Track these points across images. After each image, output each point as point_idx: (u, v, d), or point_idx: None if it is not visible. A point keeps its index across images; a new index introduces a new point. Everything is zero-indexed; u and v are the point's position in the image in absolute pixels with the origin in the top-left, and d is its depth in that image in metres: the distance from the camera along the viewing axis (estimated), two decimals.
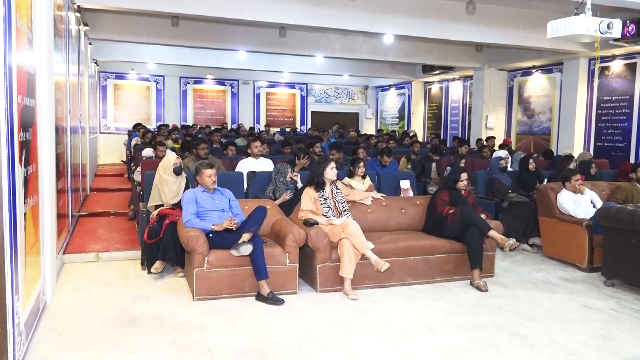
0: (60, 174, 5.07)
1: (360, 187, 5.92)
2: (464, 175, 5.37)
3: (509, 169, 7.38)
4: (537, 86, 12.17)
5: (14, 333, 2.85)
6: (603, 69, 10.51)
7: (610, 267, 5.03)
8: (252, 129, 15.45)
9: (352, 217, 4.95)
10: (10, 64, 2.90)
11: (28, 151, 3.42)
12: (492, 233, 4.94)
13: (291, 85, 17.92)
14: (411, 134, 13.75)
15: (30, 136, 3.52)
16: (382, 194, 5.64)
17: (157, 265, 4.86)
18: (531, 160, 7.24)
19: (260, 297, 4.34)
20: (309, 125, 17.36)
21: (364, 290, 4.68)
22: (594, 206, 5.84)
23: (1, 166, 2.70)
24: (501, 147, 10.09)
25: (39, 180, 3.88)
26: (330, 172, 5.03)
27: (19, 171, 3.09)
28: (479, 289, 4.79)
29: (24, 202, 3.25)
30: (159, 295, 4.44)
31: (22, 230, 3.15)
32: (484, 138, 11.60)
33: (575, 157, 8.03)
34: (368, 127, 18.42)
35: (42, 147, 4.01)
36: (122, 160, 13.57)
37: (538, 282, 5.14)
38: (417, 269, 4.93)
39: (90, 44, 10.49)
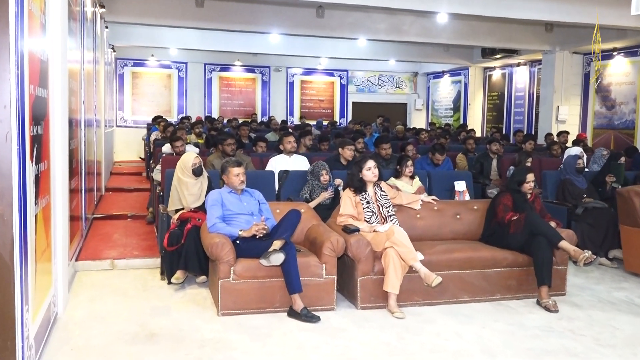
0: (73, 172, 5.24)
1: (408, 189, 5.89)
2: (530, 176, 5.27)
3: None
4: (618, 72, 11.82)
5: (23, 347, 2.95)
6: None
7: None
8: (284, 122, 15.56)
9: (398, 224, 4.93)
10: (22, 51, 3.00)
11: (40, 147, 3.54)
12: (563, 244, 4.83)
13: (329, 73, 17.97)
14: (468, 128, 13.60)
15: (42, 130, 3.65)
16: (434, 197, 5.59)
17: (178, 275, 4.95)
18: (623, 158, 7.05)
19: (292, 313, 4.36)
20: (350, 118, 17.36)
21: (412, 307, 4.65)
22: None
23: (11, 163, 2.80)
24: (575, 143, 9.83)
25: (51, 179, 4.01)
26: (368, 173, 4.99)
27: (30, 169, 3.20)
28: (547, 309, 4.70)
29: (35, 203, 3.37)
30: (180, 309, 4.53)
31: (32, 234, 3.26)
32: (554, 133, 11.35)
33: None
34: (417, 120, 18.29)
35: (55, 143, 4.14)
36: (141, 157, 13.90)
37: (618, 303, 5.00)
38: (474, 284, 4.87)
39: (106, 27, 10.80)
